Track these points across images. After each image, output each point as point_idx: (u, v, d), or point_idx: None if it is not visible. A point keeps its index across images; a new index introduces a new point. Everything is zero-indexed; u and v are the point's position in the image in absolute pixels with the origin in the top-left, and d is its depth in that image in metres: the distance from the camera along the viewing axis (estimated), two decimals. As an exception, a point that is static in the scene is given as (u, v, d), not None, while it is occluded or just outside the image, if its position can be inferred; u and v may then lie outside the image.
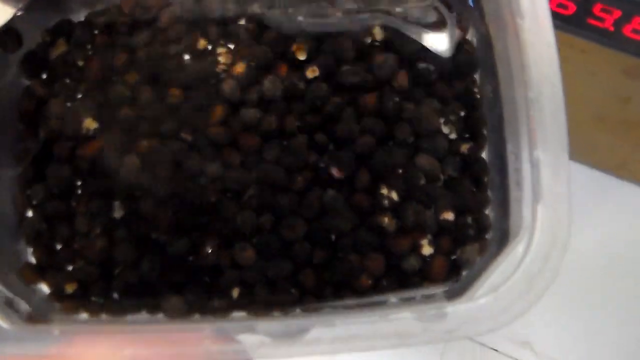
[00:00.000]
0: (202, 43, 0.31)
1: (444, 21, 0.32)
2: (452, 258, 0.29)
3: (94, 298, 0.29)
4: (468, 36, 0.32)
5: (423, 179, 0.29)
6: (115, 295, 0.29)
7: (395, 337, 0.25)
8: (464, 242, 0.29)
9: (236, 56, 0.31)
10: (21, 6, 0.31)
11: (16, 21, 0.31)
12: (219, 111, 0.30)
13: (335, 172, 0.29)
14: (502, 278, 0.24)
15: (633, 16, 0.39)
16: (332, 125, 0.30)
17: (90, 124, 0.31)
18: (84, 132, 0.30)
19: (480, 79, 0.31)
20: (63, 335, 0.26)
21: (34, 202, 0.30)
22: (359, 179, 0.29)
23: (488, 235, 0.29)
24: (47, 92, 0.31)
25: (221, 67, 0.31)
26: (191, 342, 0.26)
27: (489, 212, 0.30)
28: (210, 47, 0.32)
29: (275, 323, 0.27)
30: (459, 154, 0.30)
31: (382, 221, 0.29)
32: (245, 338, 0.25)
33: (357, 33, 0.31)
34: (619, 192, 0.55)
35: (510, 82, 0.27)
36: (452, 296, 0.27)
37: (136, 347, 0.25)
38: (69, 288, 0.29)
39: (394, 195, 0.29)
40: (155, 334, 0.26)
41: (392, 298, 0.29)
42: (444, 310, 0.25)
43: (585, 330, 0.50)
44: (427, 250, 0.29)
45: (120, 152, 0.30)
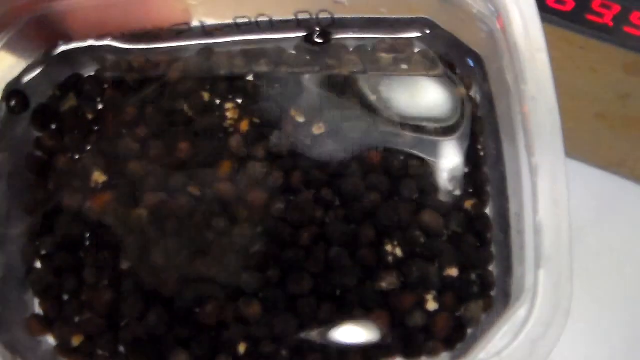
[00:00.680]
0: (209, 98, 0.32)
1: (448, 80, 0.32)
2: (456, 315, 0.29)
3: (100, 352, 0.29)
4: (472, 94, 0.32)
5: (427, 236, 0.30)
6: (122, 349, 0.29)
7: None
8: (468, 298, 0.29)
9: (243, 112, 0.32)
10: (33, 61, 0.32)
11: (27, 76, 0.32)
12: (226, 166, 0.30)
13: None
14: (505, 342, 0.24)
15: (632, 11, 0.39)
16: (338, 181, 0.30)
17: (99, 177, 0.31)
18: (92, 185, 0.31)
19: (484, 137, 0.32)
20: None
21: (43, 254, 0.31)
22: (364, 234, 0.30)
23: (493, 292, 0.29)
24: (57, 144, 0.32)
25: (229, 123, 0.32)
26: None
27: (493, 269, 0.30)
28: (218, 102, 0.32)
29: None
30: (462, 210, 0.31)
31: (381, 285, 0.29)
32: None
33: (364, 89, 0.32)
34: (618, 189, 0.54)
35: (512, 144, 0.28)
36: (457, 358, 0.27)
37: None
38: (76, 340, 0.30)
39: (398, 252, 0.30)
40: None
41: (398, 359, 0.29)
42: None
43: (592, 333, 0.51)
44: (431, 305, 0.29)
45: (128, 205, 0.30)
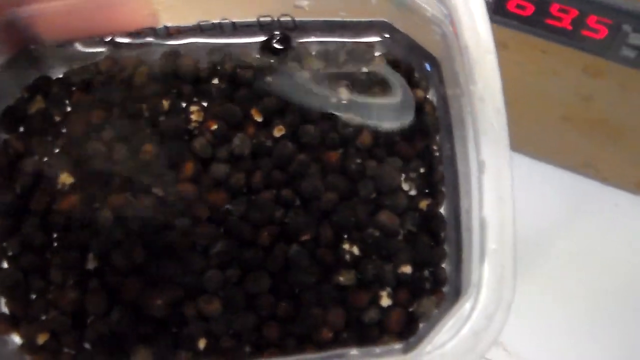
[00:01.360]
0: (174, 101, 0.33)
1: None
2: (409, 310, 0.30)
3: (66, 349, 0.30)
4: (429, 96, 0.33)
5: (383, 235, 0.31)
6: (87, 346, 0.30)
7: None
8: (421, 294, 0.30)
9: (208, 114, 0.33)
10: (0, 63, 0.33)
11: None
12: (189, 167, 0.31)
13: None
14: (450, 335, 0.25)
15: (589, 15, 0.39)
16: (298, 182, 0.31)
17: (66, 178, 0.32)
18: (59, 187, 0.31)
19: (440, 138, 0.33)
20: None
21: (9, 254, 0.31)
22: (322, 234, 0.30)
23: (444, 289, 0.30)
24: (24, 146, 0.32)
25: (193, 125, 0.32)
26: None
27: (445, 266, 0.31)
28: (183, 105, 0.33)
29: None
30: (418, 210, 0.31)
31: (339, 279, 0.30)
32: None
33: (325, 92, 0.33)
34: (585, 190, 0.56)
35: (464, 143, 0.29)
36: (408, 350, 0.28)
37: None
38: (41, 339, 0.30)
39: (355, 250, 0.30)
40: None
41: (352, 351, 0.29)
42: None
43: (559, 330, 0.51)
44: (385, 301, 0.30)
45: (94, 206, 0.31)
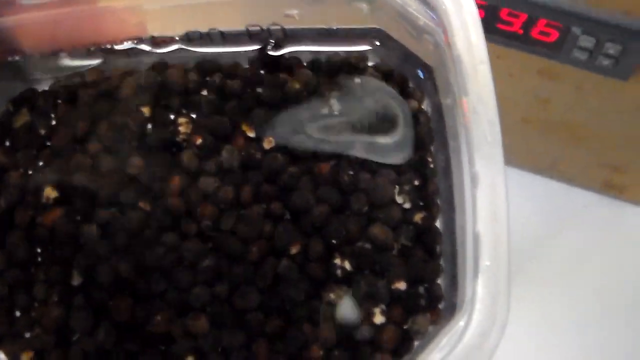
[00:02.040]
0: (162, 113, 0.32)
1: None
2: (403, 328, 0.29)
3: (50, 368, 0.29)
4: (423, 106, 0.33)
5: (376, 249, 0.30)
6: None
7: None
8: (416, 311, 0.29)
9: (196, 126, 0.32)
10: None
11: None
12: (176, 181, 0.30)
13: None
14: (444, 354, 0.24)
15: (539, 18, 0.40)
16: (288, 195, 0.30)
17: (51, 192, 0.31)
18: (44, 201, 0.31)
19: (434, 148, 0.32)
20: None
21: (-6, 269, 0.31)
22: (312, 249, 0.30)
23: (440, 305, 0.29)
24: (9, 160, 0.32)
25: (181, 137, 0.32)
26: None
27: (441, 281, 0.30)
28: (172, 117, 0.32)
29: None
30: (412, 223, 0.31)
31: (329, 297, 0.29)
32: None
33: (316, 103, 0.32)
34: (553, 193, 0.57)
35: (458, 156, 0.28)
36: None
37: None
38: (25, 357, 0.29)
39: (347, 265, 0.30)
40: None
41: None
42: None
43: (545, 336, 0.52)
44: (378, 319, 0.29)
45: (79, 221, 0.30)
